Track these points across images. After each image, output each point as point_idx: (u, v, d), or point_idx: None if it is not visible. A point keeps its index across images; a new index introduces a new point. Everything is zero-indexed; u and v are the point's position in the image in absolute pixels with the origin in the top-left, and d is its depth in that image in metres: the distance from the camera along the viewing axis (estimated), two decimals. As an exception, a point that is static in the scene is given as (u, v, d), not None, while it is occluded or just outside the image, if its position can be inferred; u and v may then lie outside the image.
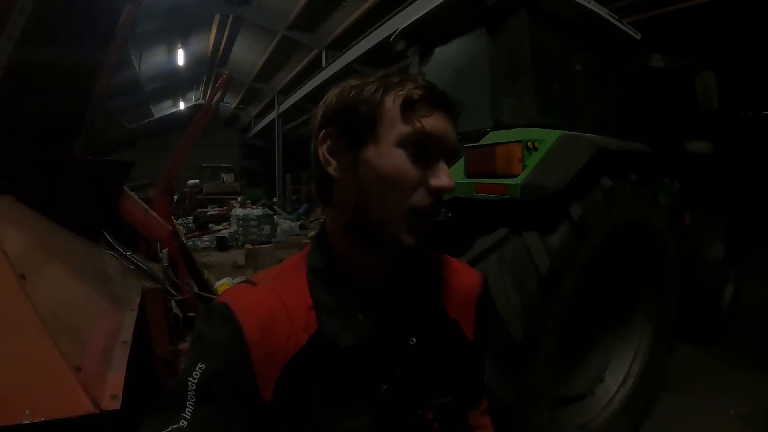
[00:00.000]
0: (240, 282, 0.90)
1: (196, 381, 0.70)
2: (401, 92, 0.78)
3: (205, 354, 0.73)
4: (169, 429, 0.66)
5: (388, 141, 0.78)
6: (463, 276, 1.04)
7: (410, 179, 0.77)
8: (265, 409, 0.76)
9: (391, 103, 0.79)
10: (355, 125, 0.80)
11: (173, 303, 2.63)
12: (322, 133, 0.84)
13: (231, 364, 0.73)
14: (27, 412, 0.94)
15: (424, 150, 0.78)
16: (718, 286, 4.63)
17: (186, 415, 0.67)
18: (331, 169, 0.84)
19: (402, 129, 0.77)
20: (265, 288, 0.84)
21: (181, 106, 28.60)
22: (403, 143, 0.78)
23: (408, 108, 0.78)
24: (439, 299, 0.96)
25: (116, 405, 1.09)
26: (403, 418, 0.85)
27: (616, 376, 3.09)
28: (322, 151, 0.84)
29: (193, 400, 0.69)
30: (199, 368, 0.71)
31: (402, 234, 0.79)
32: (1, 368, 1.00)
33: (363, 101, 0.80)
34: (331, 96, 0.85)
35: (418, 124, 0.77)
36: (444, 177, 0.79)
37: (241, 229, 13.40)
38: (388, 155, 0.78)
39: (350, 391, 0.81)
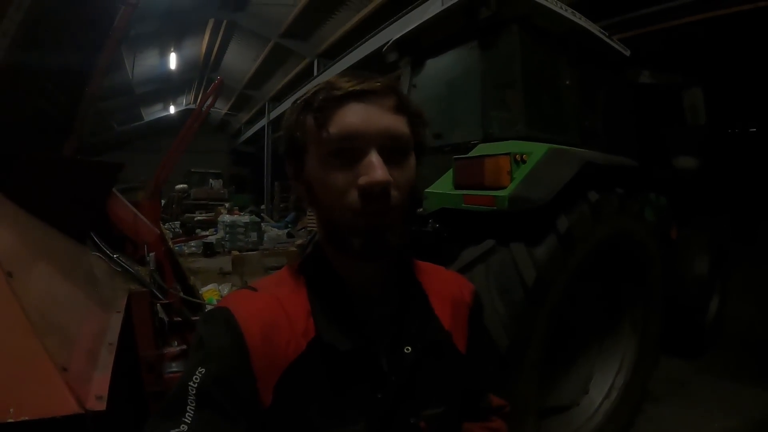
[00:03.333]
0: (241, 287, 0.91)
1: (195, 385, 0.71)
2: (315, 104, 0.79)
3: (206, 358, 0.74)
4: None
5: (314, 157, 0.81)
6: (456, 287, 1.05)
7: (340, 185, 0.77)
8: (264, 414, 0.76)
9: (310, 120, 0.80)
10: (293, 150, 0.85)
11: (159, 307, 2.61)
12: (286, 162, 0.89)
13: (231, 369, 0.74)
14: (11, 410, 0.94)
15: (347, 150, 0.77)
16: (704, 299, 4.66)
17: (186, 420, 0.67)
18: (298, 191, 0.89)
19: (317, 143, 0.80)
20: (266, 294, 0.85)
21: (172, 110, 28.51)
22: (323, 155, 0.79)
23: (319, 119, 0.78)
24: (433, 309, 0.97)
25: (101, 406, 1.08)
26: (397, 427, 0.84)
27: (601, 388, 3.10)
28: (289, 176, 0.89)
29: (193, 404, 0.69)
30: (199, 372, 0.72)
31: (350, 237, 0.80)
32: (-14, 366, 1.00)
33: (290, 128, 0.84)
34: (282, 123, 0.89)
35: (326, 134, 0.77)
36: (371, 171, 0.75)
37: (228, 235, 13.35)
38: (317, 170, 0.80)
39: (346, 398, 0.81)
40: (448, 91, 3.30)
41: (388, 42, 3.72)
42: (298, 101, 0.83)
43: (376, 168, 0.75)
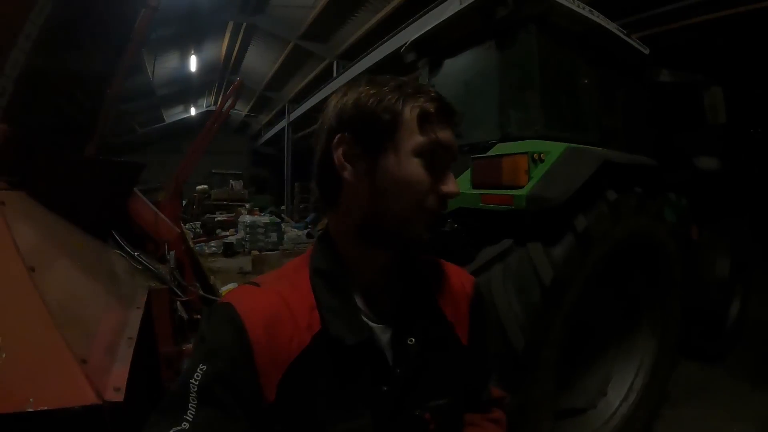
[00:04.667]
0: (243, 283, 0.91)
1: (197, 383, 0.72)
2: (417, 104, 0.82)
3: (208, 355, 0.75)
4: (171, 431, 0.67)
5: (405, 150, 0.81)
6: (457, 280, 1.06)
7: (424, 185, 0.82)
8: (269, 410, 0.76)
9: (409, 113, 0.82)
10: (374, 133, 0.82)
11: (179, 304, 2.64)
12: (337, 138, 0.85)
13: (233, 366, 0.74)
14: (31, 400, 0.96)
15: (436, 158, 0.83)
16: (724, 302, 4.59)
17: (188, 417, 0.69)
18: (346, 174, 0.85)
19: (419, 139, 0.81)
20: (269, 289, 0.85)
21: (193, 112, 28.74)
22: (419, 152, 0.81)
23: (425, 120, 0.82)
24: (437, 301, 0.98)
25: (119, 397, 1.10)
26: (402, 419, 0.85)
27: (619, 391, 3.07)
28: (338, 155, 0.85)
29: (195, 402, 0.70)
30: (201, 369, 0.73)
31: (421, 231, 0.84)
32: (8, 357, 1.02)
33: (383, 110, 0.81)
34: (347, 100, 0.85)
35: (434, 136, 0.81)
36: (452, 184, 0.85)
37: (248, 235, 13.42)
38: (407, 163, 0.81)
39: (352, 391, 0.82)
40: (466, 91, 3.29)
41: (406, 43, 3.72)
42: (389, 90, 0.83)
43: (454, 181, 0.86)
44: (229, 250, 12.56)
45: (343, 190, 0.87)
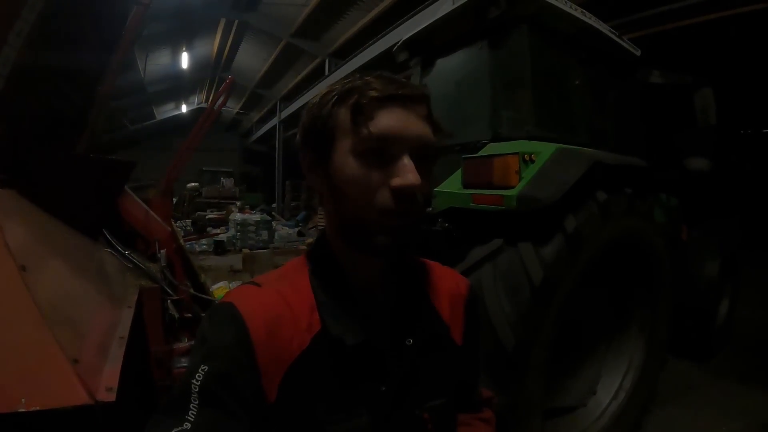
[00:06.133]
0: (244, 283, 0.91)
1: (198, 383, 0.71)
2: (352, 100, 0.79)
3: (209, 355, 0.74)
4: (173, 431, 0.67)
5: (343, 151, 0.80)
6: (452, 282, 1.06)
7: (370, 184, 0.78)
8: (270, 410, 0.76)
9: (344, 113, 0.80)
10: (317, 141, 0.83)
11: (170, 303, 2.64)
12: (301, 152, 0.89)
13: (235, 366, 0.74)
14: (23, 400, 0.96)
15: (382, 151, 0.78)
16: (714, 302, 4.62)
17: (189, 418, 0.68)
18: (312, 183, 0.88)
19: (350, 139, 0.79)
20: (270, 289, 0.85)
21: (184, 109, 28.65)
22: (355, 152, 0.78)
23: (357, 114, 0.78)
24: (432, 303, 0.99)
25: (111, 397, 1.10)
26: (401, 419, 0.86)
27: (609, 390, 3.09)
28: (304, 167, 0.88)
29: (196, 402, 0.70)
30: (202, 370, 0.72)
31: (375, 235, 0.79)
32: (-1, 357, 1.02)
33: (320, 117, 0.82)
34: (304, 112, 0.88)
35: (365, 132, 0.77)
36: (405, 174, 0.76)
37: (239, 233, 13.34)
38: (345, 165, 0.79)
39: (351, 392, 0.82)
40: (457, 91, 3.30)
41: (398, 42, 3.72)
42: (331, 93, 0.82)
43: (409, 171, 0.77)
44: (219, 248, 12.48)
45: (321, 196, 0.89)
